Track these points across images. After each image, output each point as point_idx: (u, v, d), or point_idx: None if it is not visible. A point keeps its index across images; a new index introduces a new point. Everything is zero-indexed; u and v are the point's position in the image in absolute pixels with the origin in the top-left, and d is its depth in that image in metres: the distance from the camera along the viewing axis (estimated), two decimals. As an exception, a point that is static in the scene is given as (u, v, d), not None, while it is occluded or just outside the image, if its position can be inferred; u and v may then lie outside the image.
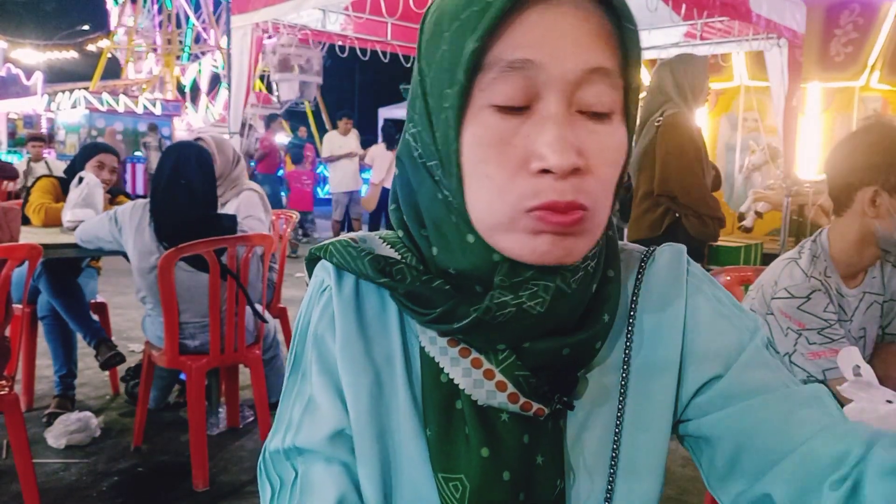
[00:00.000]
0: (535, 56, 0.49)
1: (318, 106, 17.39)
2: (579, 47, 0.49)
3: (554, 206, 0.50)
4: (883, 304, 1.47)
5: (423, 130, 0.55)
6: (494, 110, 0.50)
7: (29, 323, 2.88)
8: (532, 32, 0.49)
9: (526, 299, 0.52)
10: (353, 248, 0.59)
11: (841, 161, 1.41)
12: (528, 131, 0.50)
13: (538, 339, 0.55)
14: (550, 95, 0.50)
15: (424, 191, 0.57)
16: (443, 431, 0.56)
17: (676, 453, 2.60)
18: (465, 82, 0.50)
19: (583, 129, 0.51)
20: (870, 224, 1.37)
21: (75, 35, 20.17)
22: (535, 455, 0.56)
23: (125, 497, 2.28)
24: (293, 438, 0.58)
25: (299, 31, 4.63)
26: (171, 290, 2.28)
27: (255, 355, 2.54)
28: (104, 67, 17.64)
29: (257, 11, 4.29)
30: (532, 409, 0.55)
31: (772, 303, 1.40)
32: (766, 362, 0.59)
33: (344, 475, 0.57)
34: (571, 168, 0.49)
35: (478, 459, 0.55)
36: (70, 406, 2.87)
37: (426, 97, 0.54)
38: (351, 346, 0.59)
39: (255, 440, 2.74)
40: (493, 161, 0.51)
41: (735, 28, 4.37)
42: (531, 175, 0.50)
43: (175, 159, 2.42)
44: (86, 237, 2.48)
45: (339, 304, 0.60)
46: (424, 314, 0.56)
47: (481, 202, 0.52)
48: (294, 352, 0.63)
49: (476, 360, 0.56)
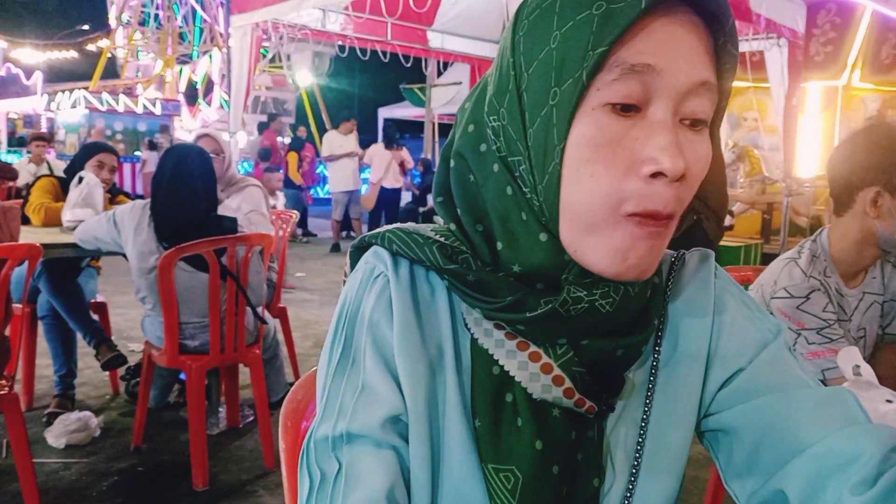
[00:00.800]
0: (656, 62, 0.50)
1: (318, 106, 17.40)
2: (693, 59, 0.51)
3: (658, 215, 0.52)
4: (883, 304, 1.48)
5: (510, 124, 0.55)
6: (608, 111, 0.51)
7: (29, 323, 2.87)
8: (654, 40, 0.50)
9: (599, 297, 0.54)
10: (419, 234, 0.60)
11: (842, 162, 1.41)
12: (637, 135, 0.51)
13: (596, 338, 0.56)
14: (662, 102, 0.51)
15: (492, 185, 0.57)
16: (492, 423, 0.57)
17: (676, 453, 2.61)
18: (585, 82, 0.51)
19: (683, 137, 0.52)
20: (871, 224, 1.37)
21: (75, 35, 20.17)
22: (577, 452, 0.58)
23: (125, 497, 2.28)
24: (347, 424, 0.57)
25: (299, 31, 4.63)
26: (170, 290, 2.28)
27: (255, 355, 2.54)
28: (104, 67, 17.64)
29: (257, 11, 4.29)
30: (585, 406, 0.56)
31: (771, 302, 1.41)
32: (787, 361, 0.61)
33: (394, 460, 0.57)
34: (681, 173, 0.50)
35: (531, 451, 0.56)
36: (70, 406, 2.87)
37: (521, 92, 0.54)
38: (409, 333, 0.59)
39: (255, 440, 2.74)
40: (602, 161, 0.51)
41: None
42: (640, 179, 0.51)
43: (176, 160, 2.42)
44: (85, 237, 2.48)
45: (397, 291, 0.60)
46: (491, 302, 0.56)
47: (580, 203, 0.53)
48: (342, 338, 0.61)
49: (535, 353, 0.57)
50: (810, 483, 0.53)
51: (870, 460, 0.50)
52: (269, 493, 2.35)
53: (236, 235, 2.42)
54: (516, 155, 0.55)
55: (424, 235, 0.60)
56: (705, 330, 0.62)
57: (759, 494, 0.57)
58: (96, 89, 15.16)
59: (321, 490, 0.56)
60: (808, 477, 0.53)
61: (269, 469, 2.50)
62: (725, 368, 0.61)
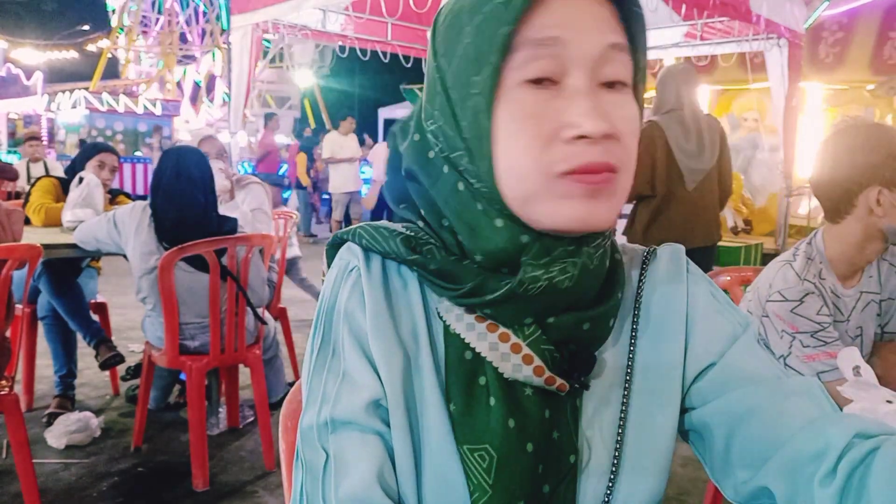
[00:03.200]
0: (563, 34, 0.53)
1: (319, 106, 17.41)
2: (599, 25, 0.55)
3: (588, 168, 0.54)
4: (880, 303, 1.47)
5: (444, 124, 0.58)
6: (527, 86, 0.54)
7: (29, 323, 2.88)
8: (556, 14, 0.54)
9: (557, 273, 0.56)
10: (386, 229, 0.62)
11: (833, 171, 1.40)
12: (558, 105, 0.54)
13: (561, 314, 0.58)
14: (577, 70, 0.54)
15: (443, 186, 0.60)
16: (466, 406, 0.59)
17: (676, 453, 2.60)
18: (497, 63, 0.54)
19: (606, 100, 0.55)
20: (877, 223, 1.36)
21: (75, 35, 20.17)
22: (553, 430, 0.59)
23: (125, 497, 2.28)
24: (330, 411, 0.59)
25: (299, 31, 4.63)
26: (171, 291, 2.28)
27: (255, 355, 2.54)
28: (104, 67, 17.64)
29: (257, 11, 4.29)
30: (556, 384, 0.58)
31: (766, 305, 1.40)
32: (757, 354, 0.63)
33: (380, 444, 0.58)
34: (604, 133, 0.53)
35: (504, 430, 0.57)
36: (70, 406, 2.87)
37: (447, 91, 0.57)
38: (381, 322, 0.60)
39: (255, 440, 2.74)
40: (528, 132, 0.54)
41: (735, 28, 4.37)
42: (565, 143, 0.54)
43: (176, 161, 2.43)
44: (84, 238, 2.48)
45: (368, 283, 0.62)
46: (454, 289, 0.58)
47: (514, 176, 0.55)
48: (321, 331, 0.63)
49: (504, 334, 0.58)
50: (789, 484, 0.54)
51: (834, 451, 0.52)
52: (270, 493, 2.35)
53: (237, 236, 2.42)
54: (456, 150, 0.58)
55: (390, 229, 0.62)
56: (681, 317, 0.64)
57: (744, 489, 0.59)
58: (96, 90, 15.16)
59: (312, 481, 0.58)
60: (787, 478, 0.54)
61: (269, 469, 2.50)
62: (698, 363, 0.63)
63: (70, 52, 19.93)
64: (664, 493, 0.64)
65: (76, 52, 19.94)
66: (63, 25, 20.76)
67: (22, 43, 19.18)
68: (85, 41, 19.74)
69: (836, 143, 1.41)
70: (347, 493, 0.55)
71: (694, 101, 2.86)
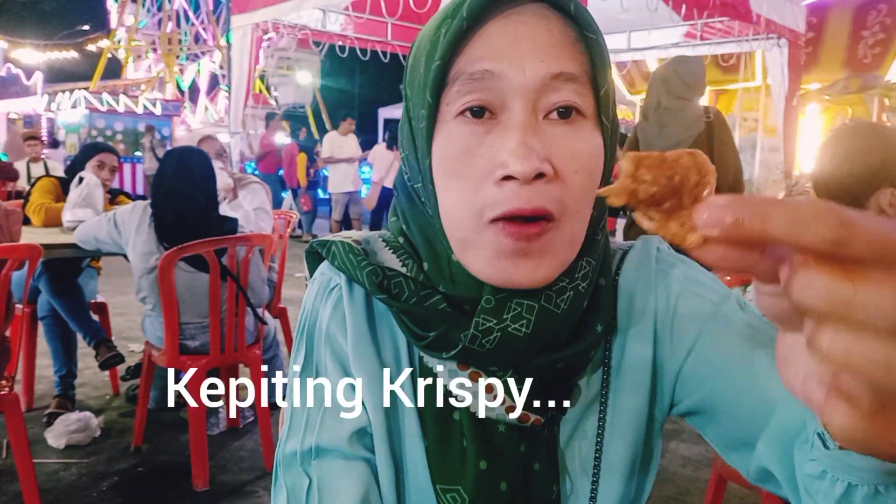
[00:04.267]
0: (495, 66, 0.50)
1: (319, 107, 17.40)
2: (540, 54, 0.50)
3: (518, 213, 0.49)
4: None
5: (409, 154, 0.57)
6: (459, 122, 0.51)
7: (29, 323, 2.87)
8: (491, 44, 0.50)
9: (510, 322, 0.52)
10: (354, 255, 0.59)
11: (838, 175, 1.38)
12: (492, 141, 0.50)
13: (532, 357, 0.55)
14: (514, 103, 0.50)
15: (416, 213, 0.58)
16: (440, 442, 0.57)
17: (676, 453, 2.60)
18: (431, 99, 0.52)
19: (551, 135, 0.51)
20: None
21: (75, 35, 20.16)
22: (533, 462, 0.57)
23: (125, 497, 2.28)
24: (315, 438, 0.57)
25: (299, 31, 4.63)
26: (171, 291, 2.28)
27: (255, 355, 2.54)
28: (104, 67, 17.63)
29: (257, 11, 4.29)
30: (530, 420, 0.55)
31: None
32: (736, 325, 0.58)
33: (366, 470, 0.57)
34: (534, 173, 0.48)
35: (475, 472, 0.55)
36: (70, 406, 2.87)
37: (410, 121, 0.56)
38: (363, 347, 0.59)
39: (255, 440, 2.74)
40: (459, 172, 0.51)
41: (735, 28, 4.37)
42: (495, 184, 0.50)
43: (178, 161, 2.43)
44: (84, 238, 2.48)
45: (350, 305, 0.60)
46: (420, 337, 0.56)
47: (450, 216, 0.53)
48: (303, 350, 0.62)
49: (474, 373, 0.56)
50: (783, 461, 0.51)
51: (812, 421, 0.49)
52: (269, 493, 2.34)
53: (237, 235, 2.42)
54: (416, 181, 0.56)
55: (359, 255, 0.58)
56: (649, 322, 0.60)
57: (750, 469, 0.57)
58: (96, 90, 15.16)
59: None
60: (779, 456, 0.51)
61: (269, 469, 2.50)
62: (675, 359, 0.60)
63: (70, 52, 19.92)
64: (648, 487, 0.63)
65: (76, 52, 19.93)
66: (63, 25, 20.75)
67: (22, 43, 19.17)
68: (85, 41, 19.73)
69: (838, 147, 1.39)
70: None
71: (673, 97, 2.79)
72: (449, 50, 0.50)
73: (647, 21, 4.37)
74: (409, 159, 0.57)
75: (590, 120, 0.53)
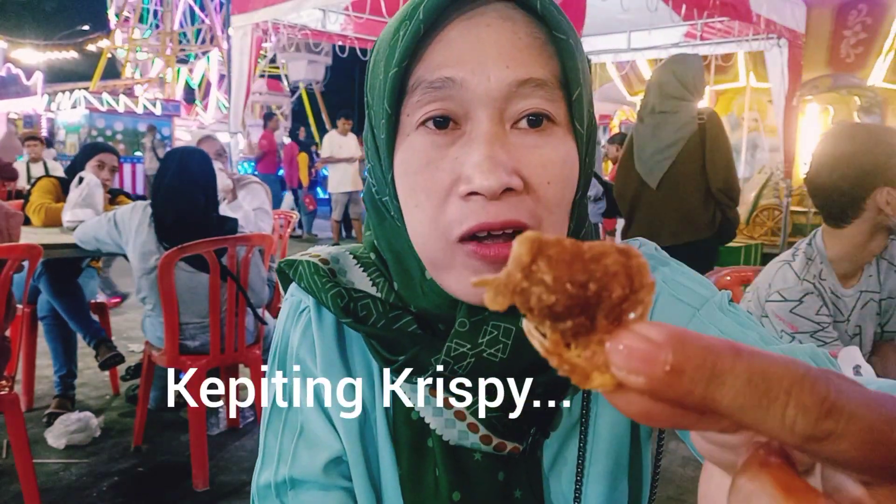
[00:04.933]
0: (457, 74, 0.46)
1: (319, 106, 17.40)
2: (504, 60, 0.46)
3: (486, 227, 0.46)
4: (880, 302, 1.47)
5: (375, 166, 0.53)
6: (421, 133, 0.48)
7: (29, 323, 2.87)
8: (452, 49, 0.47)
9: (485, 346, 0.49)
10: (320, 276, 0.56)
11: (834, 177, 1.39)
12: (456, 153, 0.47)
13: (508, 379, 0.51)
14: (478, 113, 0.47)
15: (387, 227, 0.54)
16: (413, 470, 0.54)
17: (676, 453, 2.60)
18: (389, 109, 0.48)
19: (520, 145, 0.47)
20: (885, 221, 1.36)
21: (75, 35, 20.17)
22: (514, 490, 0.55)
23: (125, 497, 2.28)
24: (288, 469, 0.56)
25: (299, 31, 4.63)
26: (171, 291, 2.28)
27: (255, 355, 2.54)
28: (104, 67, 17.64)
29: (257, 11, 4.29)
30: (507, 449, 0.53)
31: (766, 305, 1.41)
32: (718, 328, 0.55)
33: (344, 498, 0.55)
34: (501, 188, 0.45)
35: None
36: (70, 406, 2.87)
37: (373, 131, 0.52)
38: (333, 373, 0.56)
39: (254, 440, 2.74)
40: (421, 188, 0.48)
41: (735, 28, 4.37)
42: (460, 198, 0.46)
43: (178, 161, 2.43)
44: (84, 238, 2.48)
45: (319, 331, 0.57)
46: (389, 360, 0.53)
47: (417, 236, 0.50)
48: (276, 373, 0.59)
49: (447, 399, 0.53)
50: None
51: None
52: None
53: (237, 236, 2.42)
54: (384, 195, 0.52)
55: (324, 276, 0.56)
56: None
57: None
58: (96, 90, 15.16)
59: None
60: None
61: (269, 469, 2.50)
62: None
63: (70, 52, 19.93)
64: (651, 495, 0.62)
65: (76, 52, 19.93)
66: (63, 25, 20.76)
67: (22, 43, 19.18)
68: (85, 41, 19.74)
69: (833, 150, 1.41)
70: None
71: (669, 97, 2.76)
72: (406, 55, 0.47)
73: (647, 21, 4.37)
74: (374, 171, 0.53)
75: (562, 126, 0.49)
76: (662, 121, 2.74)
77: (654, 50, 5.02)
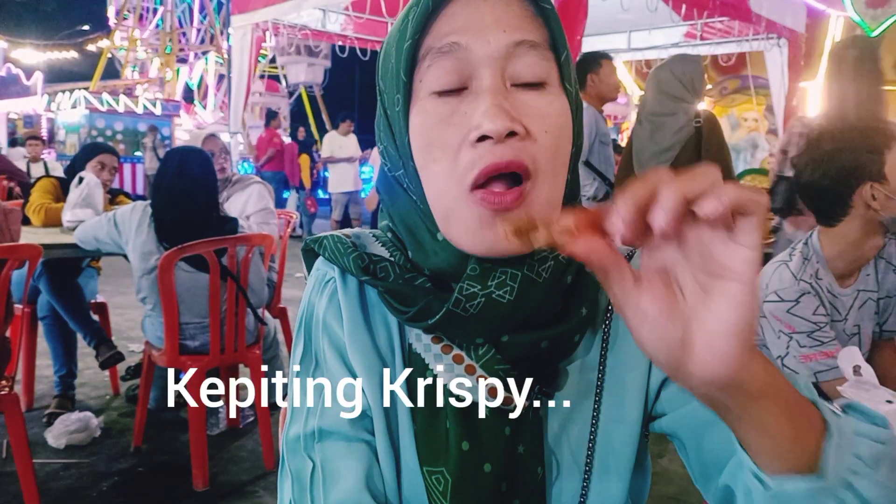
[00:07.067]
0: (461, 39, 0.53)
1: (319, 106, 17.40)
2: (502, 25, 0.54)
3: (494, 168, 0.52)
4: (878, 301, 1.48)
5: (388, 145, 0.59)
6: (433, 96, 0.55)
7: (29, 323, 2.87)
8: (456, 20, 0.54)
9: (494, 288, 0.54)
10: (342, 244, 0.62)
11: (819, 178, 1.40)
12: (465, 109, 0.54)
13: (516, 333, 0.57)
14: (482, 72, 0.54)
15: (400, 204, 0.60)
16: (427, 426, 0.59)
17: (676, 453, 2.61)
18: (405, 78, 0.55)
19: (520, 100, 0.54)
20: (875, 216, 1.37)
21: (75, 35, 20.18)
22: (517, 445, 0.58)
23: (125, 497, 2.28)
24: (318, 421, 0.59)
25: (299, 31, 4.63)
26: (171, 291, 2.28)
27: (255, 355, 2.54)
28: (104, 67, 17.64)
29: (257, 11, 4.29)
30: (512, 403, 0.57)
31: (763, 306, 1.41)
32: None
33: (367, 451, 0.59)
34: (507, 130, 0.51)
35: (458, 453, 0.57)
36: (70, 406, 2.87)
37: (386, 113, 0.59)
38: (358, 334, 0.61)
39: (255, 440, 2.74)
40: (437, 144, 0.54)
41: (735, 28, 4.37)
42: (471, 146, 0.53)
43: (178, 161, 2.43)
44: (84, 238, 2.48)
45: (344, 296, 0.62)
46: (404, 311, 0.58)
47: (434, 189, 0.55)
48: (302, 341, 0.64)
49: (457, 355, 0.58)
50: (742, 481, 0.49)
51: None
52: (269, 493, 2.35)
53: (237, 236, 2.42)
54: (398, 169, 0.59)
55: (347, 245, 0.62)
56: None
57: (714, 493, 0.56)
58: (96, 90, 15.16)
59: (300, 490, 0.58)
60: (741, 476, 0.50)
61: (269, 469, 2.50)
62: (660, 371, 0.60)
63: (70, 52, 19.94)
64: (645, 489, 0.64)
65: (76, 52, 19.94)
66: (63, 25, 20.77)
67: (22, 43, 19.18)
68: (85, 41, 19.75)
69: (810, 154, 1.43)
70: (337, 499, 0.55)
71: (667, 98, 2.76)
72: (418, 29, 0.54)
73: (647, 21, 4.37)
74: (388, 150, 0.59)
75: (554, 86, 0.56)
76: (660, 124, 2.74)
77: (654, 50, 5.02)
